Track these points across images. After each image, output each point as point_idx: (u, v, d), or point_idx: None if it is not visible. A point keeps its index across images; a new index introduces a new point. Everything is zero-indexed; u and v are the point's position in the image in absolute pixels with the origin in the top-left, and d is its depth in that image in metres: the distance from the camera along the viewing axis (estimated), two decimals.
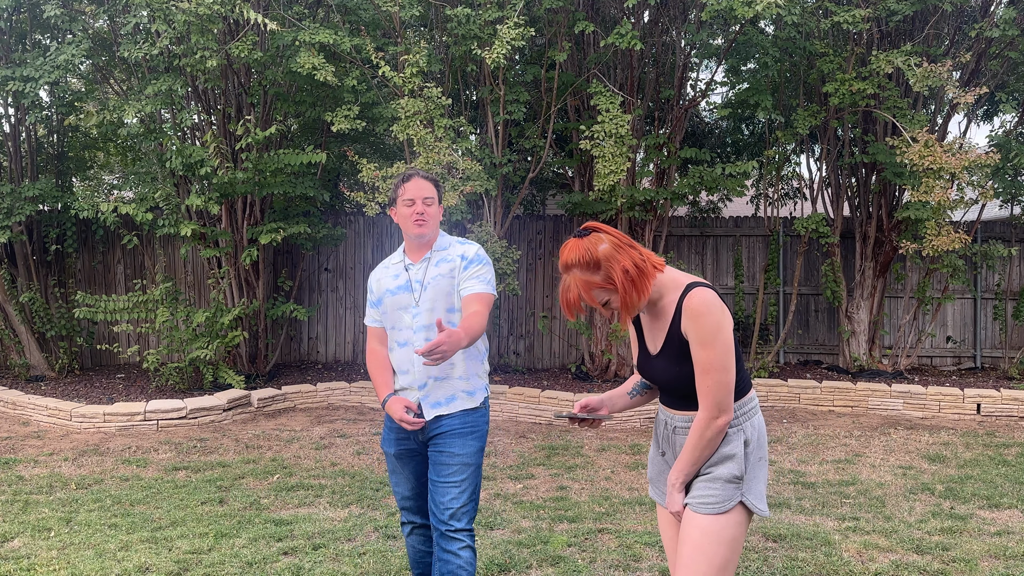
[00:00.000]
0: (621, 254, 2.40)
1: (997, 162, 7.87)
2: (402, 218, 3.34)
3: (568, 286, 2.43)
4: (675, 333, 2.45)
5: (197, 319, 8.07)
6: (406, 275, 3.39)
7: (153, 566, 4.27)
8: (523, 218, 10.33)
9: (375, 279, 3.47)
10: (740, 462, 2.47)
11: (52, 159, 9.62)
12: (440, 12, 8.17)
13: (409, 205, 3.32)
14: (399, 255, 3.46)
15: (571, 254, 2.42)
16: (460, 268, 3.33)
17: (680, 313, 2.43)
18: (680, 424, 2.57)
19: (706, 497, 2.47)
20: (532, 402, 8.12)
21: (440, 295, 3.31)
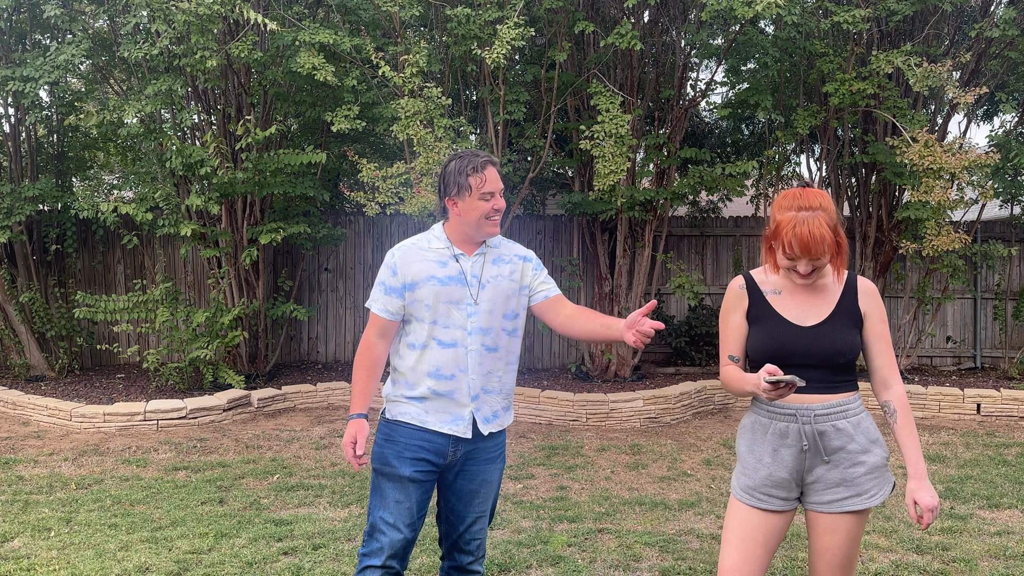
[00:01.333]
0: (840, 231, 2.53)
1: (997, 162, 7.87)
2: (473, 212, 2.90)
3: (817, 224, 2.44)
4: (848, 306, 2.56)
5: (197, 319, 8.07)
6: (457, 265, 2.94)
7: (153, 566, 4.27)
8: (523, 218, 10.32)
9: (406, 260, 2.94)
10: (883, 444, 2.58)
11: (52, 159, 9.62)
12: (440, 12, 8.17)
13: (488, 199, 2.90)
14: (441, 240, 2.99)
15: (820, 197, 2.50)
16: (527, 271, 3.04)
17: (856, 290, 2.58)
18: (822, 411, 2.52)
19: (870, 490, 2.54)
20: (532, 402, 8.12)
21: (500, 297, 2.97)
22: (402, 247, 2.99)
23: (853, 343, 2.54)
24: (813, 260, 2.48)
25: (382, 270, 2.98)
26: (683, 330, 9.86)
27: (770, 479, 2.57)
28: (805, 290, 2.59)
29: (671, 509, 5.38)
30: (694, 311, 9.95)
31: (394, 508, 2.90)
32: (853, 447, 2.54)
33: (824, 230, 2.44)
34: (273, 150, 8.32)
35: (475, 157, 2.92)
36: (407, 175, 7.57)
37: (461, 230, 2.96)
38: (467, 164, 2.90)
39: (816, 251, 2.45)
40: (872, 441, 2.56)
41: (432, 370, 2.91)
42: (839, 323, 2.54)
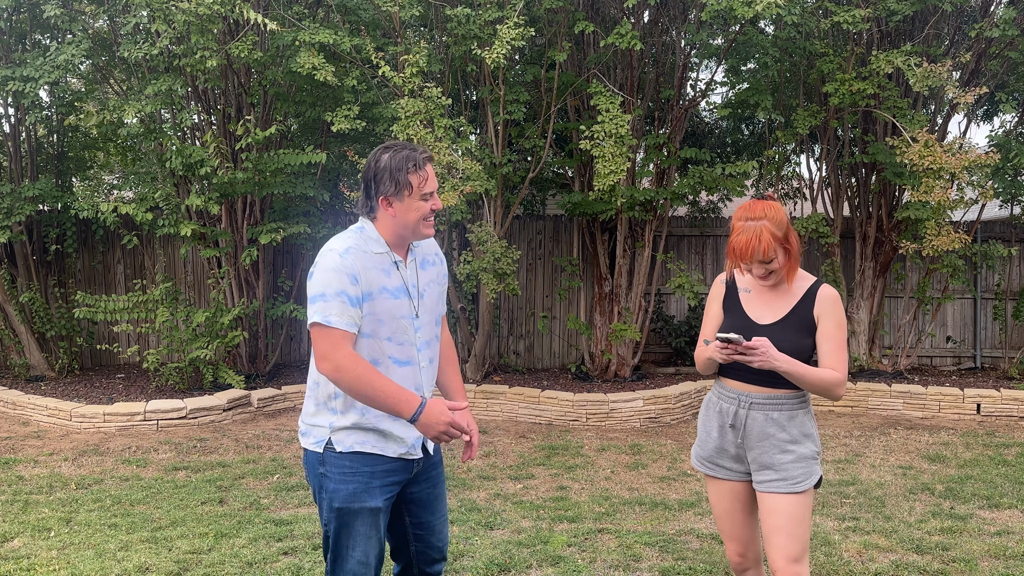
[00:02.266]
0: (792, 228, 2.79)
1: (997, 162, 7.87)
2: (413, 213, 2.58)
3: (759, 233, 2.71)
4: (803, 312, 2.79)
5: (197, 319, 8.07)
6: (398, 275, 2.63)
7: (153, 566, 4.27)
8: (523, 218, 10.32)
9: (361, 265, 2.54)
10: (816, 439, 2.80)
11: (52, 159, 9.62)
12: (440, 12, 8.17)
13: (428, 198, 2.60)
14: (379, 242, 2.62)
15: (765, 209, 2.76)
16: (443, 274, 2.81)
17: (815, 298, 2.79)
18: (758, 400, 2.80)
19: (798, 477, 2.75)
20: (532, 402, 8.12)
21: (433, 304, 2.74)
22: (349, 250, 2.56)
23: (798, 345, 2.77)
24: (763, 263, 2.75)
25: (331, 277, 2.50)
26: (683, 330, 9.86)
27: (719, 451, 2.91)
28: (770, 292, 2.85)
29: (671, 509, 5.38)
30: (694, 311, 9.95)
31: (366, 544, 2.62)
32: (783, 436, 2.77)
33: (764, 237, 2.70)
34: (273, 150, 8.32)
35: (413, 152, 2.59)
36: None
37: (395, 232, 2.62)
38: (407, 160, 2.55)
39: (750, 257, 2.73)
40: (805, 435, 2.79)
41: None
42: (789, 325, 2.79)
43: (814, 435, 2.80)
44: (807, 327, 2.78)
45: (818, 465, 2.81)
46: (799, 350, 2.76)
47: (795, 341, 2.77)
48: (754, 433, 2.81)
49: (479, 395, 8.29)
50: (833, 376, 2.75)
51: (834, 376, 2.75)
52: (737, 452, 2.87)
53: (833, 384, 2.75)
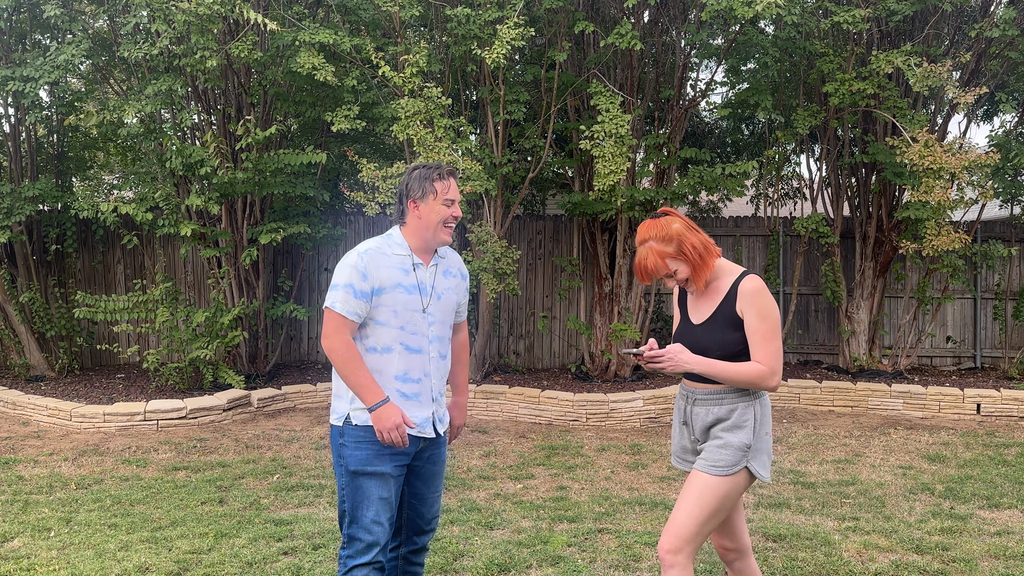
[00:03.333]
0: (691, 233, 2.90)
1: (997, 162, 7.87)
2: (435, 217, 3.03)
3: (645, 256, 2.90)
4: (726, 308, 2.88)
5: (197, 319, 8.07)
6: (414, 275, 3.06)
7: (153, 566, 4.27)
8: (523, 218, 10.33)
9: (373, 264, 2.98)
10: (750, 432, 2.84)
11: (52, 159, 9.62)
12: (440, 12, 8.17)
13: (449, 205, 3.04)
14: (402, 246, 3.07)
15: (648, 230, 2.91)
16: (462, 289, 3.25)
17: (736, 293, 2.86)
18: (701, 396, 2.93)
19: (718, 460, 2.84)
20: (532, 402, 8.12)
21: (448, 309, 3.16)
22: (368, 251, 3.02)
23: (724, 341, 2.87)
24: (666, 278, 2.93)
25: (347, 271, 2.97)
26: None
27: (681, 447, 3.06)
28: (704, 293, 2.97)
29: (671, 509, 5.37)
30: None
31: (379, 505, 2.99)
32: (721, 426, 2.88)
33: (650, 259, 2.88)
34: (273, 150, 8.32)
35: (441, 167, 3.08)
36: None
37: (419, 235, 3.07)
38: (433, 171, 3.04)
39: (645, 279, 2.93)
40: (739, 427, 2.86)
41: (401, 374, 3.03)
42: (716, 322, 2.90)
43: (749, 427, 2.85)
44: (732, 322, 2.86)
45: (745, 458, 2.84)
46: (725, 345, 2.86)
47: (720, 338, 2.87)
48: (699, 427, 2.95)
49: (479, 395, 8.29)
50: (756, 369, 2.81)
51: (757, 369, 2.81)
52: (692, 446, 3.01)
53: (758, 377, 2.80)
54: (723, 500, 2.83)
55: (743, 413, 2.86)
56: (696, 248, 2.88)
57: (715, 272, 2.95)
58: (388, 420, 2.93)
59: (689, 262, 2.89)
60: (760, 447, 2.88)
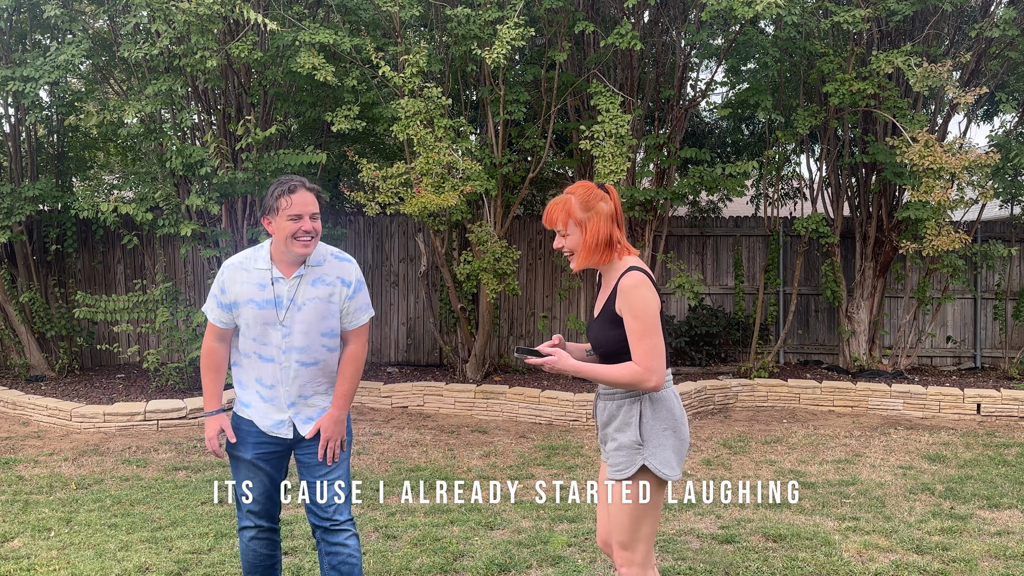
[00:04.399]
0: (606, 223, 2.87)
1: (997, 162, 7.87)
2: (282, 232, 3.11)
3: (557, 203, 2.90)
4: (610, 305, 2.86)
5: (197, 319, 8.07)
6: (272, 290, 3.17)
7: (153, 566, 4.27)
8: (523, 218, 10.33)
9: (231, 279, 3.20)
10: (636, 429, 2.84)
11: (52, 159, 9.62)
12: (440, 12, 8.17)
13: (295, 220, 3.09)
14: (264, 260, 3.21)
15: (580, 187, 2.91)
16: (344, 296, 3.23)
17: (616, 291, 2.83)
18: (601, 392, 2.97)
19: (617, 463, 2.86)
20: (532, 402, 8.12)
21: (316, 319, 3.20)
22: (231, 265, 3.23)
23: (606, 337, 2.88)
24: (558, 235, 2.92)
25: (215, 282, 3.25)
26: (683, 330, 9.86)
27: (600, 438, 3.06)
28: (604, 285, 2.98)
29: (671, 509, 5.39)
30: (694, 311, 9.95)
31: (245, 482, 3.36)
32: (612, 425, 2.91)
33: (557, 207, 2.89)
34: (273, 150, 8.32)
35: (288, 181, 3.15)
36: (407, 175, 7.57)
37: (278, 248, 3.19)
38: (280, 186, 3.13)
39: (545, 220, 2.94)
40: (627, 424, 2.85)
41: (257, 378, 3.29)
42: (601, 318, 2.92)
43: (635, 424, 2.83)
44: (612, 319, 2.85)
45: (639, 455, 2.82)
46: (606, 342, 2.87)
47: (603, 335, 2.89)
48: (600, 422, 3.00)
49: (479, 395, 8.29)
50: (631, 370, 2.77)
51: (631, 369, 2.77)
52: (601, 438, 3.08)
53: (633, 377, 2.76)
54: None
55: (629, 410, 2.85)
56: (597, 235, 2.86)
57: (615, 269, 2.91)
58: (206, 431, 3.34)
59: (583, 240, 2.88)
60: (659, 443, 2.83)
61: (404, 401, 8.52)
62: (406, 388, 8.55)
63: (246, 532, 3.41)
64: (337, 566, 3.32)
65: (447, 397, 8.41)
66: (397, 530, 4.86)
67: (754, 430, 7.70)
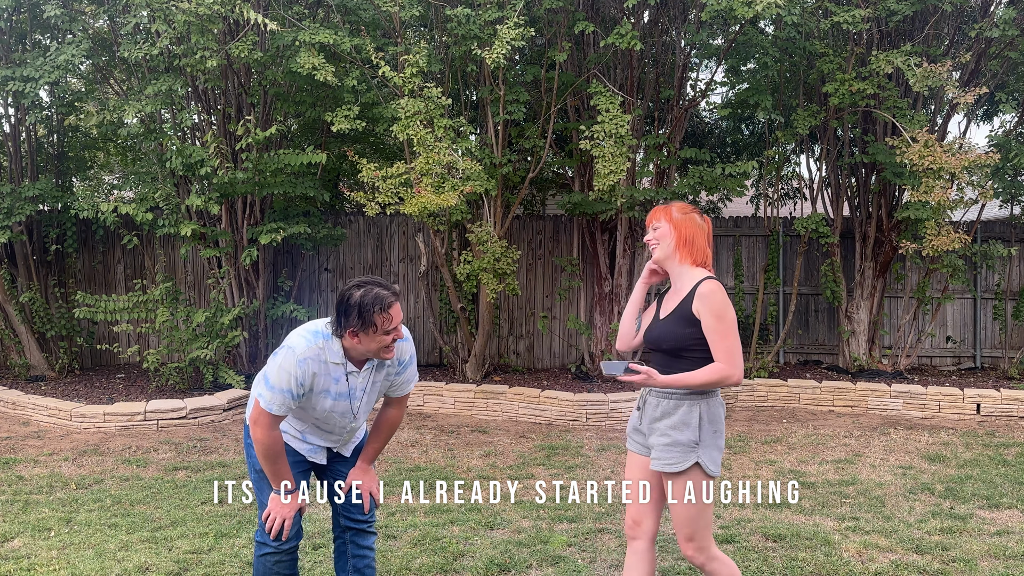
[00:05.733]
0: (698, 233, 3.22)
1: (997, 162, 7.87)
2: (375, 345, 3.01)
3: (664, 205, 3.28)
4: (685, 307, 3.10)
5: (197, 319, 8.07)
6: (346, 383, 3.13)
7: (153, 566, 4.27)
8: (523, 218, 10.33)
9: (310, 374, 3.05)
10: (696, 430, 3.07)
11: (52, 159, 9.62)
12: (440, 12, 8.18)
13: (390, 332, 3.00)
14: (337, 355, 3.08)
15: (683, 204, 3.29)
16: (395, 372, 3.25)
17: (694, 294, 3.09)
18: (654, 389, 3.15)
19: (669, 458, 3.07)
20: (532, 402, 8.13)
21: (376, 395, 3.29)
22: (306, 360, 3.03)
23: (679, 335, 3.10)
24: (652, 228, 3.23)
25: (285, 377, 3.00)
26: None
27: (634, 428, 3.30)
28: (673, 290, 3.23)
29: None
30: None
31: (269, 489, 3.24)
32: (666, 423, 3.10)
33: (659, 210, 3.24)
34: (273, 150, 8.32)
35: (384, 293, 2.96)
36: (407, 175, 7.57)
37: (357, 353, 3.08)
38: (375, 302, 2.94)
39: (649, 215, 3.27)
40: (685, 423, 3.07)
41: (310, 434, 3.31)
42: (674, 318, 3.14)
43: (693, 424, 3.06)
44: (688, 319, 3.09)
45: (694, 453, 3.05)
46: (679, 338, 3.10)
47: (676, 331, 3.11)
48: (648, 416, 3.19)
49: (479, 395, 8.29)
50: (717, 369, 3.03)
51: (716, 369, 3.03)
52: (642, 429, 3.25)
53: (719, 375, 3.02)
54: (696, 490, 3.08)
55: (689, 411, 3.07)
56: (687, 238, 3.19)
57: (686, 275, 3.19)
58: (279, 509, 3.16)
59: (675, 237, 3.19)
60: (710, 443, 3.08)
61: None
62: None
63: (270, 557, 3.24)
64: (362, 569, 3.39)
65: (447, 397, 8.41)
66: (397, 530, 4.86)
67: (754, 430, 7.70)
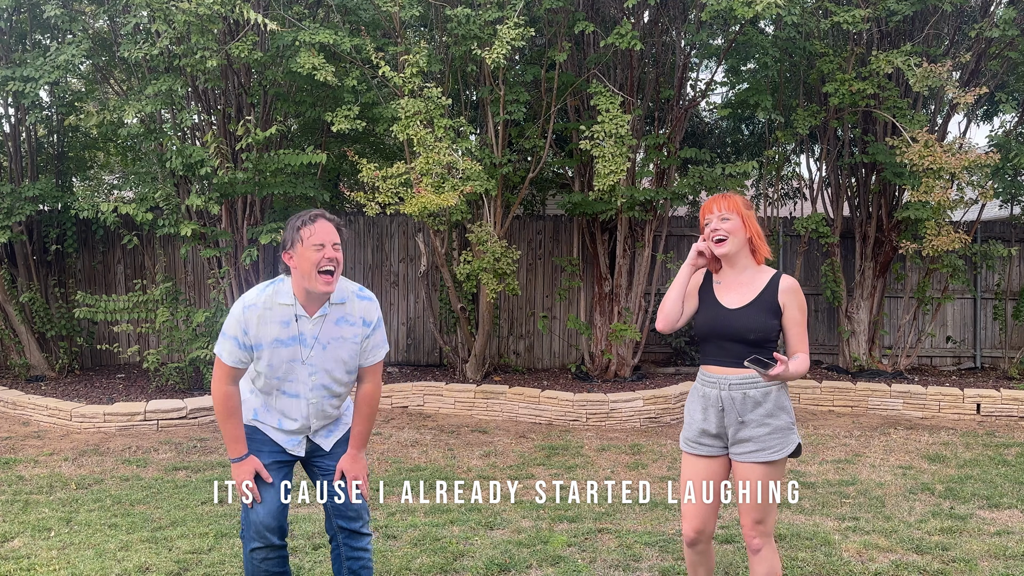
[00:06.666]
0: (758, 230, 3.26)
1: (997, 162, 7.87)
2: (306, 264, 3.02)
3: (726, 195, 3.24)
4: (768, 298, 3.18)
5: (197, 319, 8.07)
6: (296, 327, 3.12)
7: (153, 566, 4.27)
8: (523, 218, 10.32)
9: (255, 318, 3.08)
10: (790, 412, 3.19)
11: (52, 159, 9.62)
12: (440, 12, 8.17)
13: (319, 249, 3.01)
14: (287, 295, 3.12)
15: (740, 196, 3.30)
16: (364, 336, 3.22)
17: (778, 286, 3.19)
18: (735, 382, 3.18)
19: (773, 446, 3.13)
20: (532, 402, 8.13)
21: (340, 359, 3.20)
22: (253, 306, 3.10)
23: (766, 324, 3.15)
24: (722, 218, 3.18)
25: (232, 323, 3.10)
26: (683, 330, 9.87)
27: (701, 432, 3.25)
28: (736, 282, 3.25)
29: (671, 509, 5.39)
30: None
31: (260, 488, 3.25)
32: (760, 411, 3.15)
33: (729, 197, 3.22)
34: (273, 150, 8.32)
35: (308, 212, 3.11)
36: (407, 175, 7.57)
37: (299, 285, 3.10)
38: (300, 218, 3.07)
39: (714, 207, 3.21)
40: (780, 408, 3.16)
41: (279, 412, 3.26)
42: (755, 309, 3.18)
43: (788, 407, 3.19)
44: (773, 310, 3.17)
45: (794, 434, 3.18)
46: (765, 329, 3.16)
47: (763, 321, 3.17)
48: (735, 410, 3.17)
49: (479, 395, 8.29)
50: (805, 362, 3.16)
51: (805, 362, 3.16)
52: (718, 431, 3.23)
53: (807, 368, 3.16)
54: (779, 475, 3.18)
55: (779, 396, 3.17)
56: (754, 232, 3.23)
57: (755, 269, 3.26)
58: (238, 476, 3.17)
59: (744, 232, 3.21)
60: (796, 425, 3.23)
61: (404, 401, 8.52)
62: (406, 388, 8.55)
63: (257, 553, 3.22)
64: (358, 571, 3.36)
65: (447, 397, 8.41)
66: (397, 530, 4.86)
67: None
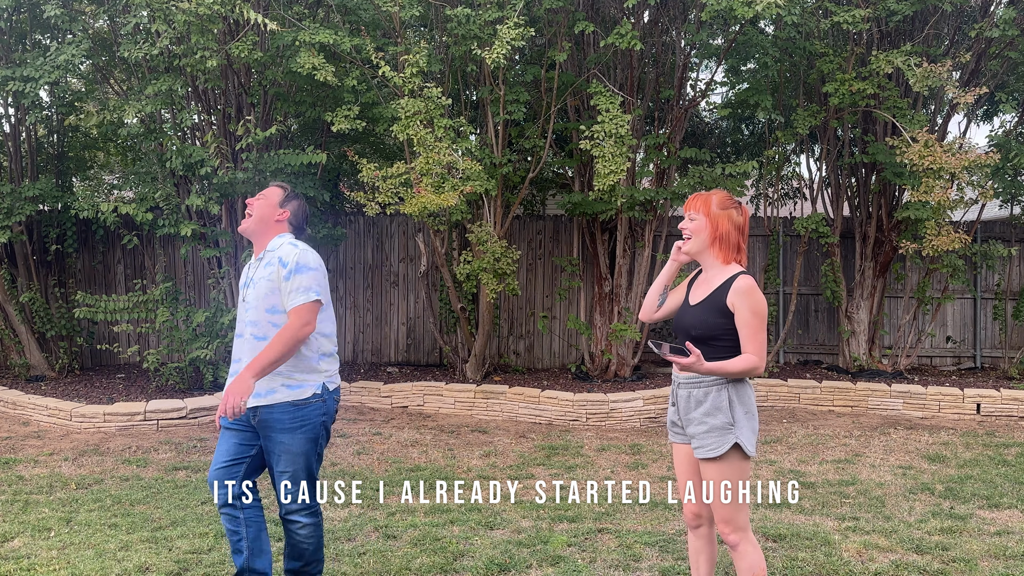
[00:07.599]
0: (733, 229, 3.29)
1: (997, 162, 7.87)
2: None
3: (703, 194, 3.33)
4: (719, 298, 3.22)
5: (197, 319, 8.07)
6: (246, 272, 3.67)
7: (153, 566, 4.27)
8: (523, 218, 10.32)
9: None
10: (727, 412, 3.22)
11: (52, 159, 9.62)
12: (440, 12, 8.17)
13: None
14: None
15: (722, 193, 3.33)
16: (280, 275, 3.48)
17: (730, 287, 3.21)
18: (683, 381, 3.32)
19: (708, 444, 3.22)
20: (532, 402, 8.13)
21: (261, 295, 3.51)
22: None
23: (707, 323, 3.23)
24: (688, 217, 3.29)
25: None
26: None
27: (671, 421, 3.46)
28: (705, 277, 3.34)
29: (671, 509, 5.39)
30: None
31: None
32: (700, 411, 3.25)
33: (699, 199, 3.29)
34: (273, 150, 8.32)
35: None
36: (407, 175, 7.57)
37: None
38: None
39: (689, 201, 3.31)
40: (717, 408, 3.22)
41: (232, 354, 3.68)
42: (706, 306, 3.26)
43: (725, 408, 3.22)
44: (720, 310, 3.22)
45: (731, 434, 3.20)
46: (711, 327, 3.23)
47: (708, 320, 3.24)
48: (682, 407, 3.34)
49: (479, 395, 8.29)
50: (748, 361, 3.18)
51: (748, 360, 3.18)
52: (679, 422, 3.40)
53: (750, 366, 3.18)
54: (733, 474, 3.22)
55: (718, 396, 3.22)
56: (723, 234, 3.27)
57: (720, 270, 3.30)
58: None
59: (709, 231, 3.28)
60: (743, 424, 3.22)
61: (404, 401, 8.52)
62: (406, 388, 8.55)
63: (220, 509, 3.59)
64: (294, 545, 3.63)
65: (447, 397, 8.41)
66: (397, 530, 4.86)
67: None
